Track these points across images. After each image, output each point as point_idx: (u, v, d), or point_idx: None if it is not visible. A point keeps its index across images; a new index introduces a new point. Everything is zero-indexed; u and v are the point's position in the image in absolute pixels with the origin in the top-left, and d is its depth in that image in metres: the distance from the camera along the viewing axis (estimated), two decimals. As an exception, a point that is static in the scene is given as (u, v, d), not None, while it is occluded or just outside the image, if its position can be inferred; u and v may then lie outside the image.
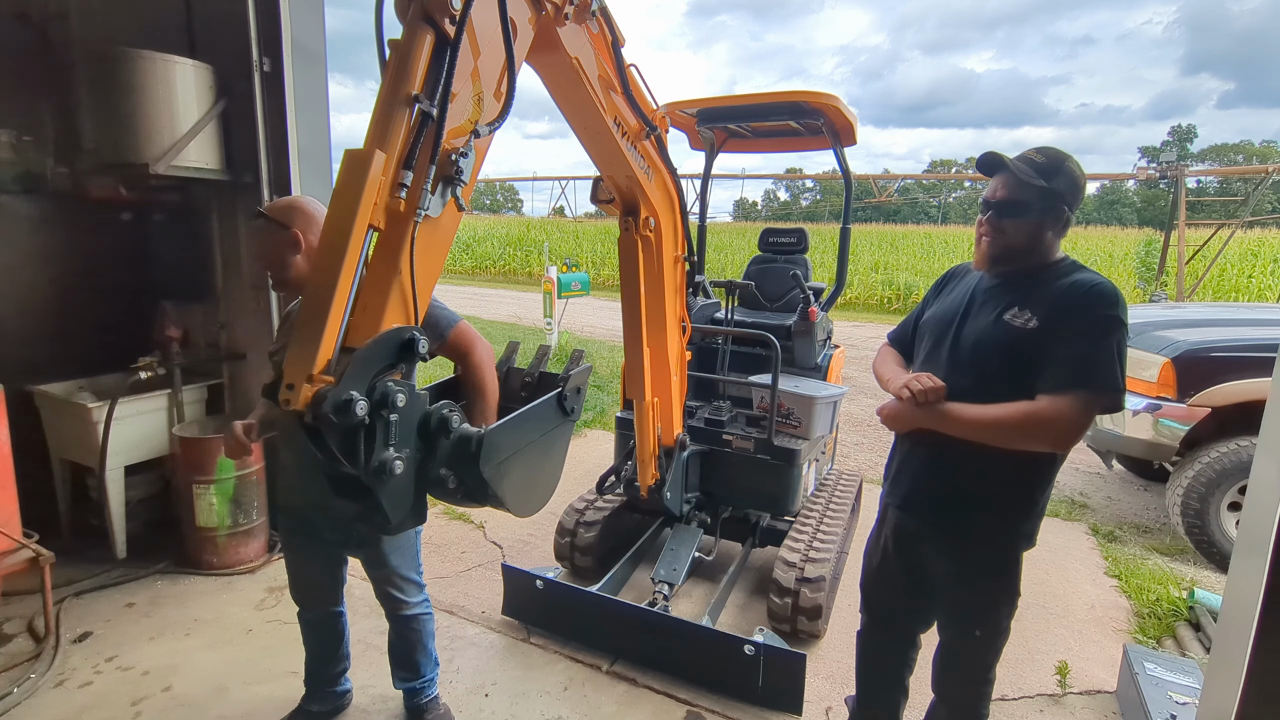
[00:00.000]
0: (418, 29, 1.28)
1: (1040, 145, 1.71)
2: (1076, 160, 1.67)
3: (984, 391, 1.65)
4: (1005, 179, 1.68)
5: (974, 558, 1.79)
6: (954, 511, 1.79)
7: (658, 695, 2.58)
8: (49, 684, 2.55)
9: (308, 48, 3.31)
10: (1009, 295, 1.68)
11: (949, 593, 1.88)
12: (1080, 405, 1.54)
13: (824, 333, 3.80)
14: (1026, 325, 1.62)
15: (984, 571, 1.79)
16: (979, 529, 1.76)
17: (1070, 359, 1.55)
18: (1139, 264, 17.60)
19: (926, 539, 1.87)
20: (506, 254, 24.26)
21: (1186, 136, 53.07)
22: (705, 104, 3.62)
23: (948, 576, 1.86)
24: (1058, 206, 1.65)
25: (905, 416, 1.77)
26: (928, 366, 1.83)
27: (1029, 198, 1.64)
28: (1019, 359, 1.62)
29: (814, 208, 51.46)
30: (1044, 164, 1.64)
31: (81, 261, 3.76)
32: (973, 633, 1.84)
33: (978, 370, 1.69)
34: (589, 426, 6.21)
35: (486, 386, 1.84)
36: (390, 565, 2.16)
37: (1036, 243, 1.67)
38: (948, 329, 1.80)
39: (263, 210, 1.97)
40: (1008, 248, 1.69)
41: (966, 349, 1.73)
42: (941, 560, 1.86)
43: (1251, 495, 1.58)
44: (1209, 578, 3.73)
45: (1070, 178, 1.65)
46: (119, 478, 3.34)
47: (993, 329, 1.67)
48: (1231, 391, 3.85)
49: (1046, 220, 1.65)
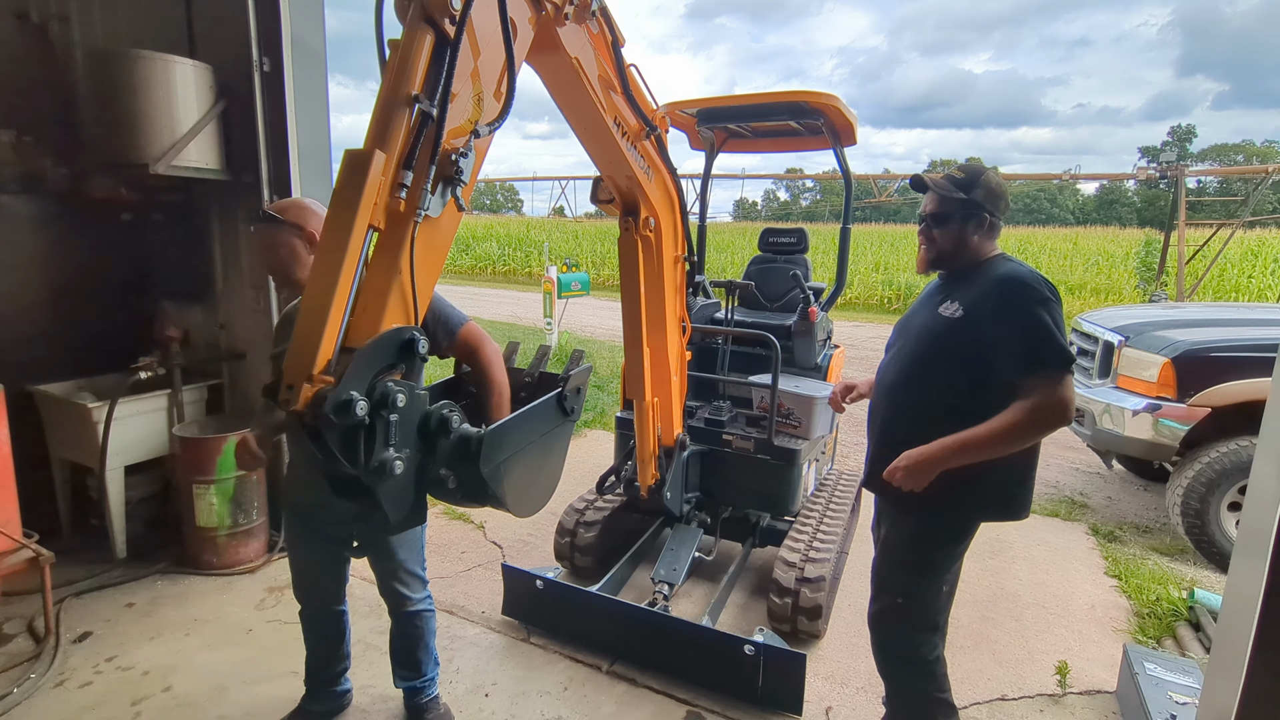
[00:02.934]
0: (418, 29, 1.29)
1: (962, 162, 2.05)
2: (995, 171, 1.95)
3: (912, 374, 1.91)
4: (932, 195, 1.93)
5: (906, 524, 1.95)
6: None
7: (658, 695, 2.58)
8: (49, 684, 2.55)
9: (308, 48, 3.31)
10: (945, 291, 1.92)
11: (878, 556, 2.04)
12: (1058, 380, 1.69)
13: (824, 333, 3.80)
14: (954, 315, 1.83)
15: (916, 538, 1.93)
16: (913, 496, 1.85)
17: (1017, 344, 1.72)
18: (1139, 264, 17.55)
19: (883, 515, 2.08)
20: (506, 254, 24.25)
21: (1186, 136, 53.05)
22: (705, 104, 3.62)
23: (881, 541, 2.04)
24: (978, 213, 1.87)
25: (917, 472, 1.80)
26: (885, 358, 2.08)
27: (950, 209, 1.88)
28: (945, 345, 1.84)
29: (814, 208, 51.43)
30: (963, 179, 1.88)
31: (81, 261, 3.76)
32: (894, 601, 1.95)
33: (910, 356, 1.94)
34: (589, 426, 6.21)
35: (498, 381, 1.86)
36: (398, 559, 2.18)
37: (963, 246, 1.89)
38: (901, 326, 2.08)
39: (273, 213, 1.97)
40: (940, 253, 1.93)
41: (908, 341, 1.99)
42: (883, 526, 2.04)
43: (1251, 495, 1.58)
44: (1209, 578, 3.73)
45: (987, 188, 1.87)
46: (119, 478, 3.34)
47: (928, 320, 1.92)
48: (1231, 391, 3.85)
49: (969, 226, 1.88)
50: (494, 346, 1.91)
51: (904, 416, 1.92)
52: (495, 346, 1.92)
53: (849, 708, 2.57)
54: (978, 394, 1.78)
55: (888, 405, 2.00)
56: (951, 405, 1.81)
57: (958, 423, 1.77)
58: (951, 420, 1.78)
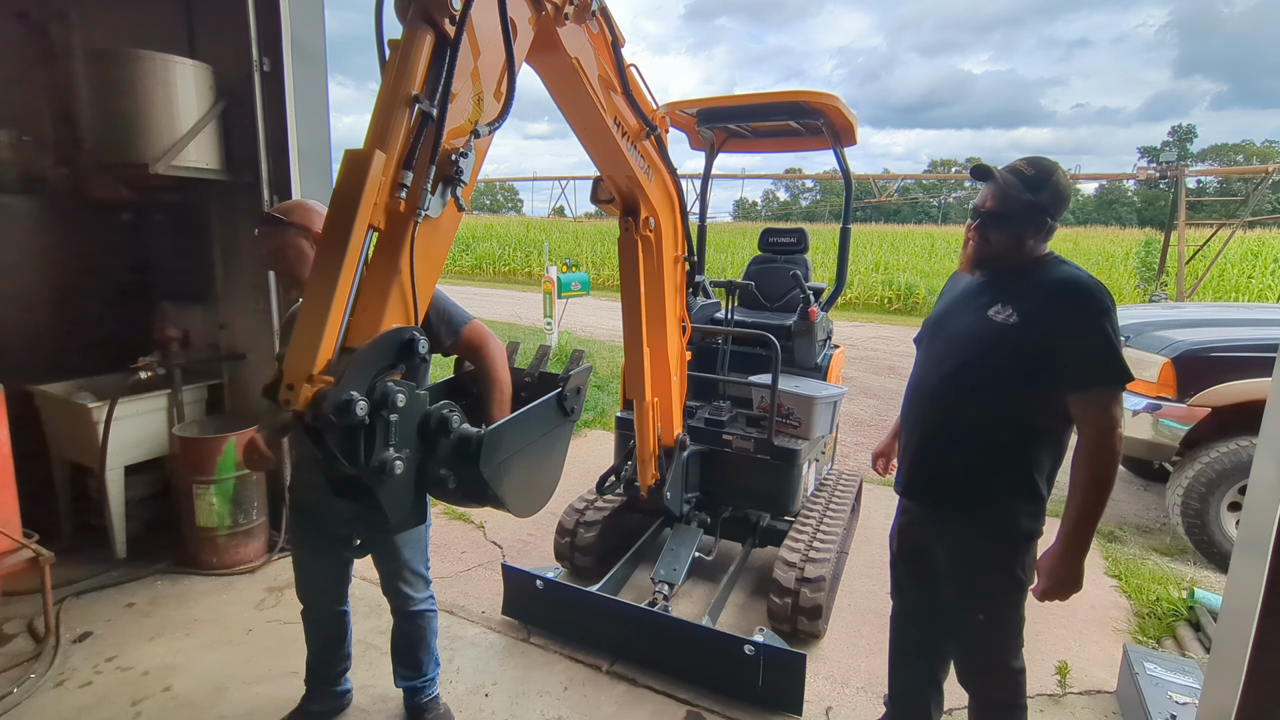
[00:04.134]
0: (418, 29, 1.28)
1: (1031, 156, 1.78)
2: (1064, 171, 1.75)
3: (961, 381, 1.79)
4: (994, 190, 1.76)
5: (970, 539, 1.83)
6: (947, 492, 1.85)
7: (658, 695, 2.58)
8: (49, 684, 2.55)
9: (308, 48, 3.31)
10: (992, 292, 1.78)
11: (950, 577, 1.90)
12: (1111, 398, 1.66)
13: (824, 333, 3.80)
14: (1008, 321, 1.71)
15: (983, 557, 1.82)
16: (973, 510, 1.80)
17: (1082, 358, 1.63)
18: (1139, 264, 17.59)
19: (926, 523, 1.93)
20: (506, 254, 24.26)
21: (1186, 136, 53.06)
22: (705, 104, 3.62)
23: (948, 561, 1.89)
24: (1040, 217, 1.73)
25: (1060, 584, 1.72)
26: (920, 361, 1.98)
27: (1014, 209, 1.72)
28: (997, 352, 1.72)
29: (814, 208, 51.46)
30: (1032, 176, 1.72)
31: (81, 261, 3.76)
32: (976, 618, 1.85)
33: (958, 360, 1.80)
34: (589, 426, 6.21)
35: (501, 380, 1.87)
36: (403, 558, 2.18)
37: (1018, 249, 1.76)
38: (938, 326, 1.94)
39: (278, 215, 1.97)
40: (990, 253, 1.79)
41: (953, 341, 1.85)
42: (941, 545, 1.90)
43: (1251, 495, 1.58)
44: (1209, 578, 3.73)
45: (1056, 190, 1.72)
46: (119, 478, 3.34)
47: (976, 324, 1.78)
48: (1231, 391, 3.85)
49: (1029, 230, 1.74)
50: (498, 345, 1.92)
51: (951, 425, 1.82)
52: (499, 345, 1.92)
53: (849, 708, 2.57)
54: (1024, 402, 1.71)
55: (932, 413, 1.87)
56: (1000, 413, 1.74)
57: (1004, 431, 1.73)
58: (999, 428, 1.74)
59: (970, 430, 1.78)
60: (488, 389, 1.85)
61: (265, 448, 1.98)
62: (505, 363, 1.91)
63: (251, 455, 1.98)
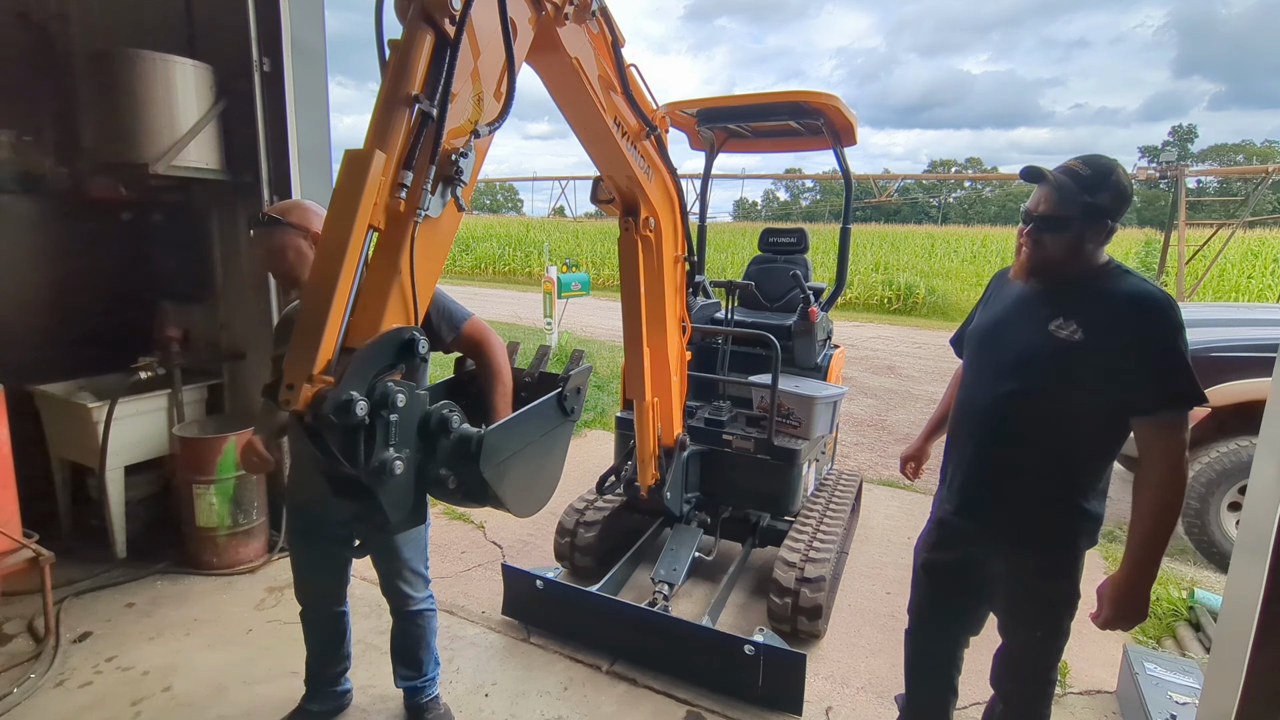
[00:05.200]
0: (418, 29, 1.28)
1: (1087, 155, 1.66)
2: (1123, 169, 1.63)
3: (1029, 396, 1.69)
4: (1047, 192, 1.64)
5: (1032, 559, 1.78)
6: (1009, 513, 1.79)
7: (658, 695, 2.58)
8: (49, 684, 2.55)
9: (308, 48, 3.31)
10: (1052, 305, 1.67)
11: (1008, 595, 1.86)
12: (1181, 421, 1.60)
13: (824, 333, 3.80)
14: (1072, 337, 1.61)
15: (1043, 573, 1.77)
16: (1035, 530, 1.76)
17: (1154, 378, 1.57)
18: (1139, 264, 17.58)
19: (979, 540, 1.87)
20: (506, 254, 24.26)
21: (1187, 137, 53.08)
22: (705, 104, 3.62)
23: (1006, 579, 1.84)
24: (1101, 220, 1.61)
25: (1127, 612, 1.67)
26: (972, 374, 1.89)
27: (1071, 213, 1.60)
28: (1064, 368, 1.63)
29: (814, 208, 51.47)
30: (1089, 177, 1.60)
31: (81, 261, 3.76)
32: (1034, 635, 1.81)
33: (1022, 378, 1.70)
34: (589, 426, 6.21)
35: (502, 375, 1.87)
36: (402, 558, 2.18)
37: (1077, 256, 1.65)
38: (991, 338, 1.82)
39: (276, 216, 1.97)
40: (1046, 260, 1.67)
41: (1011, 358, 1.73)
42: (999, 562, 1.84)
43: (1251, 495, 1.59)
44: (1209, 578, 3.73)
45: (1116, 190, 1.60)
46: (119, 478, 3.34)
47: (1038, 339, 1.66)
48: (1231, 391, 3.85)
49: (1088, 234, 1.62)
50: (498, 340, 1.92)
51: (1012, 444, 1.75)
52: (500, 341, 1.93)
53: (849, 708, 2.57)
54: (1088, 421, 1.66)
55: (987, 432, 1.79)
56: (1063, 433, 1.68)
57: (1065, 451, 1.69)
58: (1061, 448, 1.69)
59: (1033, 450, 1.72)
60: (489, 384, 1.85)
61: (264, 449, 1.98)
62: (506, 359, 1.91)
63: (250, 457, 1.99)
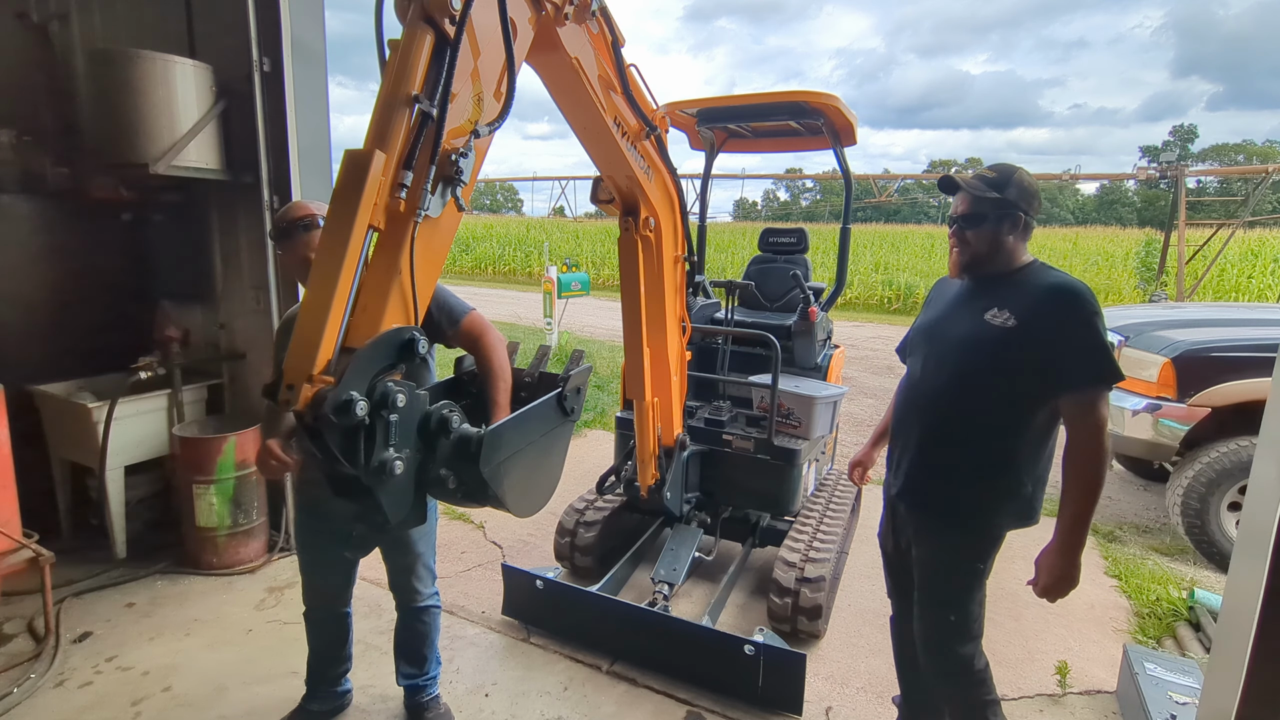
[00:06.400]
0: (418, 29, 1.28)
1: (993, 163, 1.91)
2: (1026, 171, 1.85)
3: (968, 379, 1.82)
4: (964, 196, 1.86)
5: (951, 539, 1.89)
6: (944, 490, 1.89)
7: (658, 695, 2.58)
8: (49, 684, 2.55)
9: (308, 48, 3.31)
10: (986, 298, 1.84)
11: (923, 575, 1.96)
12: (1102, 396, 1.71)
13: (824, 333, 3.80)
14: (1006, 324, 1.76)
15: (961, 553, 1.87)
16: (966, 506, 1.85)
17: (1079, 358, 1.69)
18: (1139, 264, 17.58)
19: (912, 523, 1.99)
20: (506, 254, 24.26)
21: (1188, 136, 53.08)
22: (705, 104, 3.62)
23: (923, 559, 1.95)
24: (1013, 213, 1.81)
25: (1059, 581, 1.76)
26: (916, 366, 2.00)
27: (985, 209, 1.82)
28: (999, 354, 1.77)
29: (814, 208, 51.45)
30: (995, 178, 1.83)
31: (81, 261, 3.76)
32: (947, 618, 1.89)
33: (957, 367, 1.85)
34: (589, 426, 6.21)
35: (501, 370, 1.86)
36: (416, 551, 2.20)
37: (998, 247, 1.83)
38: (933, 333, 1.98)
39: (298, 221, 1.99)
40: (974, 255, 1.86)
41: (949, 348, 1.89)
42: (922, 542, 1.96)
43: (1251, 495, 1.58)
44: (1209, 578, 3.73)
45: (1020, 187, 1.81)
46: (119, 478, 3.34)
47: (975, 328, 1.82)
48: (1231, 391, 3.85)
49: (1003, 226, 1.81)
50: (497, 335, 1.92)
51: (950, 430, 1.86)
52: (499, 335, 1.93)
53: (849, 708, 2.57)
54: (1024, 403, 1.76)
55: (930, 418, 1.91)
56: (1000, 415, 1.78)
57: (1002, 432, 1.78)
58: (998, 430, 1.78)
59: (971, 433, 1.82)
60: (489, 378, 1.84)
61: (281, 452, 1.93)
62: (505, 353, 1.91)
63: (267, 461, 1.91)
